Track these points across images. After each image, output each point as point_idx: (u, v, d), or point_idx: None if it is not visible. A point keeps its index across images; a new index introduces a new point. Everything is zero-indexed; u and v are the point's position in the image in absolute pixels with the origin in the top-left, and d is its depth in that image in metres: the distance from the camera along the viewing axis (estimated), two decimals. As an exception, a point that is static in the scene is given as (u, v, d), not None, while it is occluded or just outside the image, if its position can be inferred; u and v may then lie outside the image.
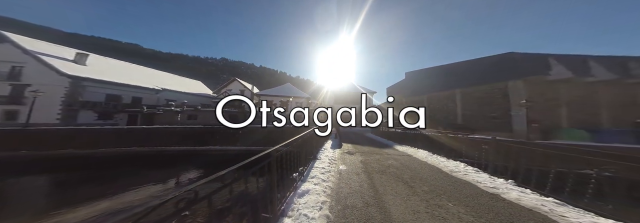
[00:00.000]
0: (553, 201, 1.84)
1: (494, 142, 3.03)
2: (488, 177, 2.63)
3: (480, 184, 2.40)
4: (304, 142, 2.94)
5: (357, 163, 3.73)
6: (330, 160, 3.64)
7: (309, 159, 3.38)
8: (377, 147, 6.03)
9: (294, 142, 2.33)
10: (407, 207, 1.82)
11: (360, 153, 4.74)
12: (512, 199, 1.92)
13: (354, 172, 3.09)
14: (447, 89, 14.46)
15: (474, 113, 12.28)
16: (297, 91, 24.06)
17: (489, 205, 1.84)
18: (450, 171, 3.08)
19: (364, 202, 1.92)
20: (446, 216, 1.63)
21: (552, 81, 10.03)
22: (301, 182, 2.33)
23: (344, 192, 2.18)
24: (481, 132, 9.75)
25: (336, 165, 3.42)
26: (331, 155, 4.16)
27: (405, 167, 3.48)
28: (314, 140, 3.87)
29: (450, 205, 1.85)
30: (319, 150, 4.52)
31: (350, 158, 4.20)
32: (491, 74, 11.61)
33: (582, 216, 1.55)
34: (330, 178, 2.60)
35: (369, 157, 4.36)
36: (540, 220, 1.53)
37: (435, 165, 3.53)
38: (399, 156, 4.48)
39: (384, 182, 2.61)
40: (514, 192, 2.05)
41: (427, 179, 2.73)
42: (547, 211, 1.65)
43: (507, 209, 1.73)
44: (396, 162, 3.87)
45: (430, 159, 3.94)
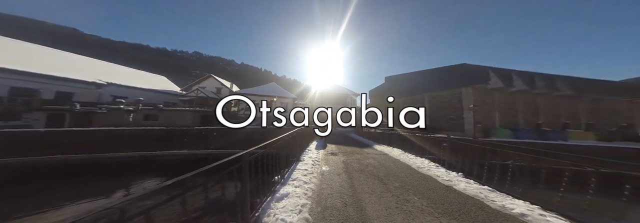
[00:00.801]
0: (487, 188, 2.27)
1: (449, 140, 3.54)
2: (445, 171, 3.04)
3: (439, 178, 2.76)
4: (286, 143, 2.84)
5: (339, 163, 3.83)
6: (314, 162, 3.64)
7: (291, 161, 3.31)
8: (359, 147, 6.30)
9: (273, 144, 2.20)
10: (381, 204, 1.96)
11: (343, 154, 4.88)
12: (460, 189, 2.29)
13: (335, 172, 3.16)
14: (418, 93, 16.22)
15: (438, 115, 14.05)
16: (283, 91, 22.61)
17: (444, 196, 2.14)
18: (417, 167, 3.44)
19: (343, 202, 1.98)
20: (412, 210, 1.82)
21: (490, 89, 12.25)
22: (281, 185, 2.25)
23: (325, 193, 2.21)
24: (443, 131, 11.21)
25: (319, 166, 3.45)
26: (315, 156, 4.16)
27: (381, 165, 3.73)
28: (297, 141, 3.80)
29: (415, 199, 2.07)
30: (303, 151, 4.48)
31: (333, 158, 4.28)
32: (450, 81, 13.53)
33: (504, 199, 1.96)
34: (312, 180, 2.60)
35: (350, 157, 4.52)
36: (478, 206, 1.86)
37: (405, 162, 3.88)
38: (377, 155, 4.77)
39: (362, 180, 2.75)
40: (462, 183, 2.44)
41: (399, 176, 2.99)
42: (483, 197, 2.02)
43: (456, 199, 2.05)
44: (374, 160, 4.11)
45: (402, 157, 4.30)
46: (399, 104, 18.74)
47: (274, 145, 2.21)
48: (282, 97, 20.67)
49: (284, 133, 3.00)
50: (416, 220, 1.61)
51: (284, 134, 2.84)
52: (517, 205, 1.78)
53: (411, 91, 16.85)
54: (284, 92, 22.61)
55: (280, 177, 2.44)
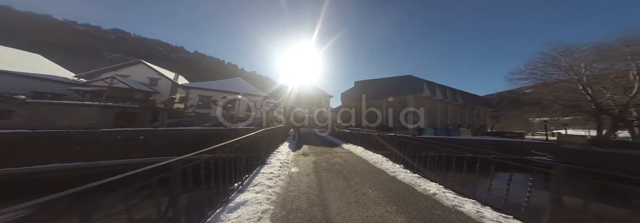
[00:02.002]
0: (417, 176, 2.93)
1: (395, 138, 4.29)
2: (392, 164, 3.67)
3: (388, 171, 3.30)
4: (248, 145, 2.53)
5: (309, 164, 3.83)
6: (283, 164, 3.48)
7: (255, 165, 3.02)
8: (329, 146, 6.52)
9: (227, 147, 1.87)
10: (342, 200, 2.10)
11: (314, 154, 4.92)
12: (401, 179, 2.83)
13: (304, 173, 3.14)
14: (380, 98, 18.74)
15: (392, 117, 16.75)
16: (251, 88, 19.46)
17: (390, 186, 2.58)
18: (373, 162, 3.95)
19: (309, 203, 1.98)
20: (367, 202, 2.06)
21: (423, 97, 15.84)
22: (238, 192, 2.00)
23: (291, 196, 2.15)
24: (395, 130, 13.45)
25: (288, 169, 3.32)
26: (284, 158, 3.98)
27: (346, 162, 4.02)
28: (263, 143, 3.49)
29: (370, 192, 2.37)
30: (271, 153, 4.17)
31: (304, 159, 4.23)
32: (400, 89, 16.50)
33: (425, 183, 2.61)
34: (278, 183, 2.47)
35: (320, 156, 4.61)
36: (410, 191, 2.38)
37: (365, 158, 4.37)
38: (344, 153, 5.10)
39: (329, 179, 2.87)
40: (402, 173, 3.03)
41: (359, 171, 3.32)
42: (413, 184, 2.60)
43: (397, 187, 2.52)
44: (341, 159, 4.37)
45: (363, 154, 4.79)
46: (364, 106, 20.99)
47: (228, 149, 1.88)
48: (250, 95, 17.71)
49: (249, 133, 2.72)
50: (369, 211, 1.84)
51: (246, 135, 2.54)
52: (431, 186, 2.40)
53: (374, 95, 19.32)
54: (252, 89, 19.45)
55: (239, 184, 2.17)
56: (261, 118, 15.01)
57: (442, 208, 1.86)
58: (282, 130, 7.35)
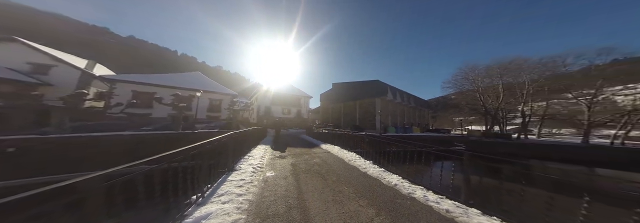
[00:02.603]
0: (383, 170, 3.38)
1: (365, 136, 4.76)
2: (363, 161, 4.06)
3: (360, 167, 3.63)
4: (210, 152, 2.19)
5: (287, 166, 3.70)
6: (256, 168, 3.21)
7: (220, 173, 2.65)
8: (308, 147, 6.49)
9: (178, 155, 1.55)
10: (321, 199, 2.15)
11: (292, 156, 4.77)
12: (370, 174, 3.19)
13: (282, 176, 3.01)
14: (354, 100, 20.28)
15: (364, 117, 18.53)
16: (213, 84, 15.88)
17: (362, 181, 2.86)
18: (348, 160, 4.23)
19: (288, 206, 1.93)
20: (343, 199, 2.19)
21: (387, 100, 18.37)
22: (197, 206, 1.73)
23: (267, 201, 2.02)
24: (366, 130, 14.90)
25: (262, 173, 3.09)
26: (258, 162, 3.68)
27: (325, 162, 4.12)
28: (230, 147, 3.08)
29: (345, 188, 2.53)
30: (241, 159, 3.77)
31: (281, 162, 4.05)
32: (369, 92, 18.44)
33: (389, 175, 3.07)
34: (250, 190, 2.26)
35: (299, 158, 4.54)
36: (377, 184, 2.73)
37: (341, 157, 4.62)
38: (322, 154, 5.19)
39: (308, 180, 2.87)
40: (371, 168, 3.41)
41: (336, 170, 3.48)
42: (380, 177, 2.98)
43: (368, 181, 2.83)
44: (319, 159, 4.44)
45: (340, 153, 5.04)
46: (340, 108, 22.24)
47: (180, 158, 1.56)
48: (214, 93, 14.54)
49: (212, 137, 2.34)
50: (345, 207, 1.97)
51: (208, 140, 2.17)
52: (393, 178, 2.83)
53: (350, 97, 20.78)
54: (217, 86, 15.97)
55: (199, 196, 1.86)
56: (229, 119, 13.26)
57: (401, 197, 2.23)
58: (256, 133, 6.71)
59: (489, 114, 18.78)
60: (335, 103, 23.13)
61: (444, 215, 1.75)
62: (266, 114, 18.97)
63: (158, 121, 10.33)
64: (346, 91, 21.24)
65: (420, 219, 1.69)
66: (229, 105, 14.81)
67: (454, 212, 1.77)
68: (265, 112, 19.03)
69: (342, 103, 21.57)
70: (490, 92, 19.13)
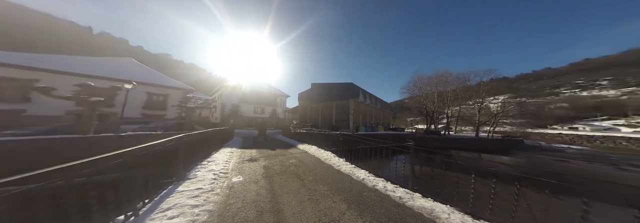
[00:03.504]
0: (353, 167, 3.71)
1: (340, 135, 5.09)
2: (338, 159, 4.31)
3: (335, 165, 3.84)
4: (146, 160, 1.78)
5: (259, 169, 3.45)
6: (218, 175, 2.84)
7: (162, 184, 2.18)
8: (284, 148, 6.24)
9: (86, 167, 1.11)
10: (297, 200, 2.13)
11: (264, 158, 4.46)
12: (343, 171, 3.44)
13: (252, 180, 2.78)
14: (330, 100, 20.96)
15: (339, 118, 19.52)
16: (154, 75, 12.33)
17: (336, 178, 3.04)
18: (324, 159, 4.37)
19: (259, 211, 1.82)
20: (318, 197, 2.26)
21: (359, 102, 20.23)
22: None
23: (233, 209, 1.83)
24: (341, 129, 15.79)
25: (227, 179, 2.76)
26: (221, 168, 3.25)
27: (302, 163, 4.09)
28: (181, 153, 2.62)
29: (321, 187, 2.62)
30: (197, 165, 3.24)
31: (251, 165, 3.72)
32: (344, 94, 19.64)
33: (358, 171, 3.41)
34: (211, 199, 1.99)
35: (273, 160, 4.30)
36: (349, 180, 2.97)
37: (318, 156, 4.71)
38: (299, 154, 5.12)
39: (283, 182, 2.77)
40: (344, 166, 3.68)
41: (313, 170, 3.52)
42: (351, 173, 3.27)
43: (341, 178, 3.04)
44: (296, 160, 4.36)
45: (317, 153, 5.11)
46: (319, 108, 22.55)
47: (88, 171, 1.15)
48: (152, 85, 11.22)
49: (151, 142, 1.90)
50: (320, 205, 2.04)
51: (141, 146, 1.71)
52: (361, 173, 3.17)
53: (327, 98, 21.36)
54: (159, 77, 12.36)
55: (129, 215, 1.48)
56: (181, 119, 10.97)
57: (367, 190, 2.53)
58: (219, 134, 5.81)
59: (429, 115, 25.07)
60: (313, 103, 23.27)
61: (398, 201, 2.12)
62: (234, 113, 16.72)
63: (45, 121, 7.13)
64: (324, 92, 21.77)
65: (381, 208, 1.97)
66: (180, 102, 11.99)
67: (404, 197, 2.17)
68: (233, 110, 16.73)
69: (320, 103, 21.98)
70: (430, 98, 24.96)
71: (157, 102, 11.51)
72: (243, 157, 4.46)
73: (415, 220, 1.69)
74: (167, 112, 11.68)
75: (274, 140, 8.32)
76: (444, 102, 24.08)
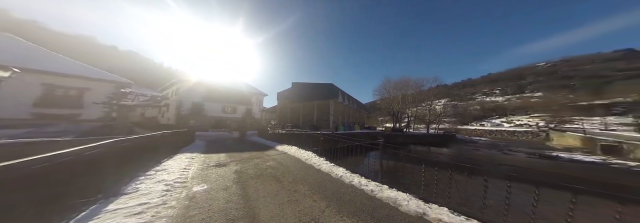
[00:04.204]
0: (333, 165, 3.88)
1: (320, 135, 5.22)
2: (318, 159, 4.39)
3: (315, 165, 3.91)
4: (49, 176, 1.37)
5: (229, 175, 3.11)
6: (171, 186, 2.42)
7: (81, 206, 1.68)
8: (260, 150, 5.82)
9: None
10: (275, 203, 2.06)
11: (236, 162, 4.06)
12: (323, 170, 3.55)
13: (220, 188, 2.49)
14: (311, 100, 20.93)
15: (320, 118, 19.78)
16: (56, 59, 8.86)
17: (316, 177, 3.11)
18: (305, 159, 4.37)
19: (229, 219, 1.67)
20: (299, 198, 2.25)
21: (339, 102, 21.05)
22: None
23: (196, 221, 1.63)
24: (322, 129, 16.03)
25: (185, 190, 2.38)
26: (175, 177, 2.77)
27: (280, 164, 3.95)
28: (112, 162, 2.15)
29: (301, 187, 2.61)
30: (136, 178, 2.65)
31: (219, 171, 3.32)
32: (325, 94, 20.09)
33: (337, 169, 3.59)
34: (162, 213, 1.70)
35: (247, 163, 3.97)
36: (328, 178, 3.10)
37: (298, 157, 4.66)
38: (278, 155, 4.92)
39: (259, 185, 2.61)
40: (324, 165, 3.80)
41: (293, 171, 3.47)
42: (331, 172, 3.41)
43: (321, 177, 3.13)
44: (274, 162, 4.16)
45: (297, 153, 5.04)
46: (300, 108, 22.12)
47: None
48: (54, 74, 7.98)
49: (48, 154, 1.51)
50: (300, 205, 2.04)
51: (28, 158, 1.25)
52: (340, 171, 3.37)
53: (308, 98, 21.26)
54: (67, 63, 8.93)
55: None
56: (111, 120, 8.49)
57: (344, 186, 2.71)
58: (173, 137, 4.84)
59: (394, 115, 29.93)
60: (294, 102, 22.66)
61: (370, 194, 2.38)
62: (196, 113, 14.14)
63: None
64: (306, 91, 21.62)
65: (356, 202, 2.16)
66: (109, 98, 9.04)
67: (375, 190, 2.45)
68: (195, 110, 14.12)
69: (302, 103, 21.68)
70: (395, 100, 29.38)
71: (65, 97, 8.18)
72: (208, 163, 3.90)
73: (383, 210, 1.94)
74: (83, 111, 8.49)
75: (248, 142, 7.62)
76: (406, 104, 28.89)
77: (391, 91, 30.02)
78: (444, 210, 1.85)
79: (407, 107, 29.05)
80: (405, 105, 28.97)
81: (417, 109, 30.08)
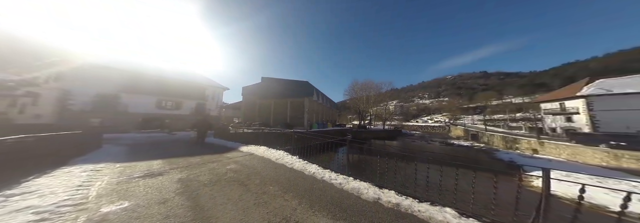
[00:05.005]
0: (306, 162, 3.92)
1: (294, 133, 5.12)
2: (291, 157, 4.28)
3: (287, 164, 3.79)
4: None
5: (168, 185, 2.49)
6: (52, 213, 1.67)
7: None
8: (218, 153, 4.95)
9: None
10: (238, 208, 1.86)
11: (180, 169, 3.28)
12: (296, 168, 3.52)
13: (154, 202, 1.96)
14: (285, 97, 19.73)
15: (294, 116, 19.16)
16: None
17: (288, 176, 3.03)
18: (276, 159, 4.14)
19: None
20: (268, 199, 2.12)
21: (313, 100, 21.26)
22: None
23: None
24: (296, 127, 15.62)
25: (84, 213, 1.71)
26: (57, 201, 1.93)
27: (245, 166, 3.55)
28: None
29: (271, 188, 2.47)
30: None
31: (150, 183, 2.58)
32: (300, 92, 19.63)
33: (310, 166, 3.65)
34: None
35: (197, 169, 3.29)
36: (301, 176, 3.11)
37: (268, 157, 4.35)
38: (242, 157, 4.39)
39: (216, 193, 2.25)
40: (297, 163, 3.77)
41: (261, 172, 3.20)
42: (304, 169, 3.44)
43: (294, 176, 3.09)
44: (237, 164, 3.70)
45: (266, 153, 4.67)
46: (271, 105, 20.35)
47: None
48: None
49: None
50: (269, 207, 1.94)
51: None
52: (313, 168, 3.47)
53: (281, 94, 19.89)
54: None
55: None
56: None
57: (317, 182, 2.82)
58: (46, 143, 3.21)
59: (360, 113, 34.58)
60: (264, 99, 20.60)
61: (338, 187, 2.60)
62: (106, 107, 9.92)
63: None
64: (278, 88, 20.14)
65: (327, 195, 2.31)
66: None
67: (343, 182, 2.72)
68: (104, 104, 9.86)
69: (273, 100, 20.07)
70: (361, 100, 33.94)
71: None
72: (129, 174, 2.90)
73: (349, 200, 2.18)
74: None
75: (200, 145, 6.15)
76: (369, 104, 33.87)
77: (358, 92, 34.22)
78: (392, 193, 2.31)
79: (369, 107, 34.22)
80: (368, 105, 33.98)
81: (376, 108, 36.15)
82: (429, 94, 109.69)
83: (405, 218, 1.74)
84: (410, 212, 1.85)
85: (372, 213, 1.85)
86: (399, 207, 1.96)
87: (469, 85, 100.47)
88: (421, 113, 78.58)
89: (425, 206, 1.94)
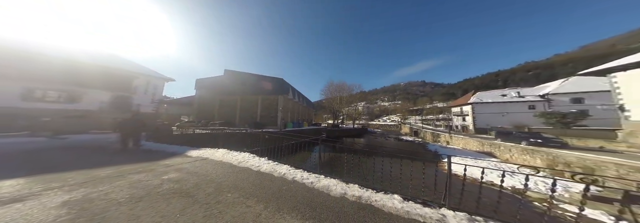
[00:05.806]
0: (276, 164, 3.66)
1: (265, 133, 4.68)
2: (258, 159, 3.88)
3: (253, 166, 3.40)
4: None
5: (39, 213, 1.63)
6: None
7: None
8: (151, 160, 3.82)
9: None
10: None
11: (68, 188, 2.24)
12: (264, 170, 3.22)
13: None
14: (253, 94, 17.60)
15: (265, 114, 17.48)
16: None
17: (253, 180, 2.72)
18: (238, 162, 3.62)
19: None
20: (224, 209, 1.81)
21: (288, 98, 20.39)
22: None
23: None
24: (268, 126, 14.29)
25: None
26: None
27: (192, 174, 2.92)
28: None
29: (228, 196, 2.13)
30: None
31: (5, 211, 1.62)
32: (273, 89, 18.21)
33: (280, 167, 3.44)
34: None
35: (105, 185, 2.37)
36: (269, 178, 2.87)
37: (228, 161, 3.76)
38: (190, 163, 3.58)
39: (141, 211, 1.71)
40: (265, 165, 3.45)
41: (215, 179, 2.71)
42: (273, 171, 3.19)
43: (261, 179, 2.81)
44: (179, 173, 2.98)
45: (226, 157, 4.03)
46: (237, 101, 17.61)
47: None
48: None
49: None
50: (226, 216, 1.67)
51: None
52: (283, 169, 3.28)
53: (250, 91, 17.64)
54: None
55: None
56: None
57: (287, 183, 2.68)
58: None
59: (334, 113, 36.98)
60: (227, 95, 17.64)
61: (309, 186, 2.58)
62: None
63: None
64: (246, 83, 17.83)
65: (297, 196, 2.23)
66: None
67: (314, 181, 2.72)
68: None
69: (240, 96, 17.55)
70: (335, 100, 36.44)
71: None
72: None
73: (319, 198, 2.20)
74: None
75: (118, 151, 4.45)
76: (342, 104, 36.84)
77: (333, 92, 36.72)
78: (355, 186, 2.54)
79: (342, 107, 36.97)
80: (342, 105, 36.86)
81: (348, 108, 39.79)
82: (388, 97, 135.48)
83: (365, 209, 1.93)
84: (369, 203, 2.08)
85: (339, 208, 1.94)
86: (361, 199, 2.17)
87: (414, 92, 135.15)
88: (382, 114, 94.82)
89: (380, 195, 2.24)
